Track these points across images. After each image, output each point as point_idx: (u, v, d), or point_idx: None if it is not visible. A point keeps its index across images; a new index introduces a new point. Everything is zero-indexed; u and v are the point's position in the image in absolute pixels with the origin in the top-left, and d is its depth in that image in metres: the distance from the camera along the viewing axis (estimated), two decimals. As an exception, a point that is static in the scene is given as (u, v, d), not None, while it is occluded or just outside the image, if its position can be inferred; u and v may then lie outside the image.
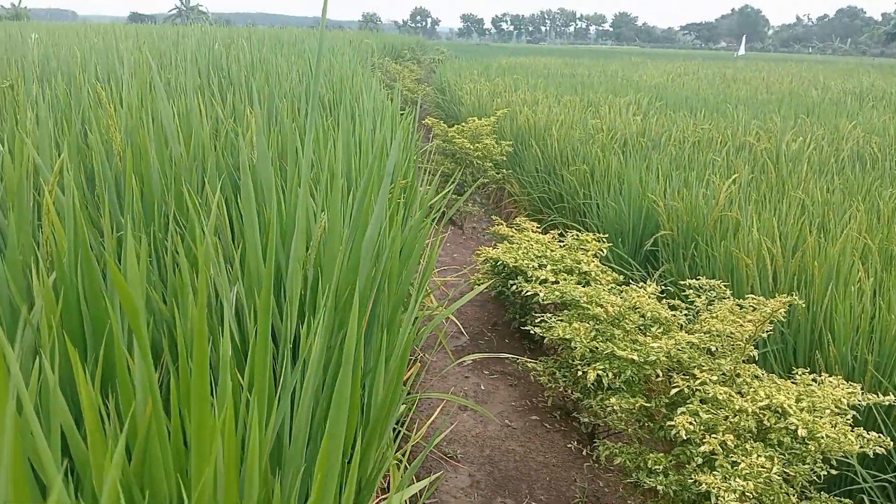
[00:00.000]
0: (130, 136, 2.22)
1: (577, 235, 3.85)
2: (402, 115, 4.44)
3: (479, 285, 3.84)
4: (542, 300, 2.95)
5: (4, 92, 3.12)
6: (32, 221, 1.71)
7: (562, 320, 2.81)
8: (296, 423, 1.20)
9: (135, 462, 0.92)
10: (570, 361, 2.88)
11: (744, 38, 56.94)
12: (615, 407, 2.37)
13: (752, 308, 2.53)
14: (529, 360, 3.19)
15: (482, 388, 3.48)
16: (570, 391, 3.01)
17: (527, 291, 3.10)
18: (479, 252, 3.96)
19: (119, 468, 0.74)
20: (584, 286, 2.96)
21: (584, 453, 2.98)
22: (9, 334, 1.27)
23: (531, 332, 3.02)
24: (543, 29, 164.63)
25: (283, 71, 5.65)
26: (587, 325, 2.61)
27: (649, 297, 2.65)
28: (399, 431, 2.37)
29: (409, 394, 2.65)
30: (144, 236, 1.71)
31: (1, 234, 1.74)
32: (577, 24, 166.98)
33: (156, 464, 0.91)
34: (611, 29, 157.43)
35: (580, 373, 2.70)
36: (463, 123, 6.53)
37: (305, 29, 28.63)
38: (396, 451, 2.19)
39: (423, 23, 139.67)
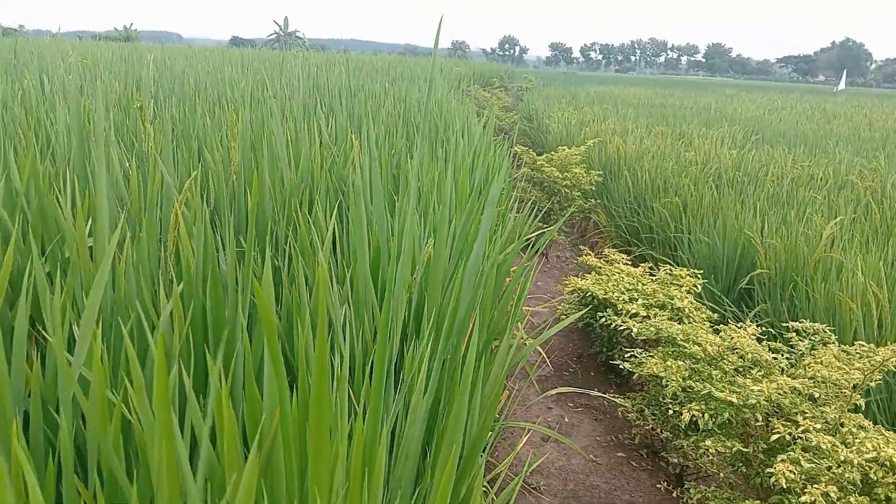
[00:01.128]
0: (245, 156, 2.34)
1: (671, 270, 3.77)
2: (495, 142, 4.49)
3: (566, 316, 3.81)
4: (636, 335, 2.91)
5: (133, 112, 3.34)
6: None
7: (652, 356, 2.76)
8: (403, 445, 1.23)
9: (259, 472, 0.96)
10: (661, 399, 2.81)
11: (844, 72, 54.69)
12: (710, 450, 2.30)
13: (859, 355, 2.42)
14: (616, 394, 3.13)
15: (566, 420, 3.44)
16: (658, 429, 2.93)
17: (620, 326, 3.05)
18: (566, 282, 3.94)
19: (255, 479, 0.78)
20: (677, 323, 2.90)
21: (673, 495, 2.89)
22: (140, 342, 1.36)
23: (619, 366, 2.97)
24: (633, 58, 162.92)
25: (379, 94, 5.83)
26: (683, 363, 2.55)
27: (749, 339, 2.57)
28: (484, 458, 2.38)
29: (495, 421, 2.65)
30: (258, 254, 1.80)
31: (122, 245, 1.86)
32: (667, 55, 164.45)
33: (278, 476, 0.95)
34: (703, 60, 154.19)
35: (671, 411, 2.64)
36: (552, 152, 6.52)
37: (396, 56, 29.34)
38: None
39: (511, 51, 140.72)
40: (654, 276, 3.79)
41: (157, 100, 4.16)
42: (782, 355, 2.59)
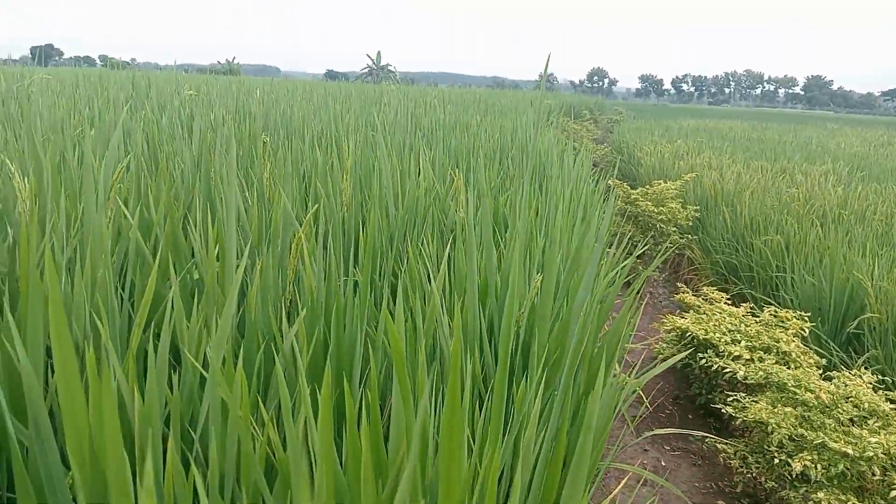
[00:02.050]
0: (355, 190, 2.43)
1: (775, 311, 3.63)
2: (591, 175, 4.47)
3: (663, 354, 3.73)
4: (741, 378, 2.81)
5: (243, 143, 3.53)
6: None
7: (757, 401, 2.66)
8: (514, 482, 1.24)
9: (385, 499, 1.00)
10: (766, 447, 2.70)
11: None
12: (822, 503, 2.19)
13: None
14: (718, 439, 3.03)
15: (662, 463, 3.34)
16: (762, 478, 2.81)
17: (724, 369, 2.96)
18: (663, 320, 3.85)
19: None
20: (784, 367, 2.79)
21: (777, 548, 2.75)
22: (266, 366, 1.43)
23: (720, 409, 2.87)
24: (727, 90, 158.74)
25: (474, 127, 5.92)
26: (792, 410, 2.45)
27: (866, 387, 2.44)
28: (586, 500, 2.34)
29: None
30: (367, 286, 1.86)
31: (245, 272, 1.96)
32: (764, 87, 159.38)
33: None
34: (802, 92, 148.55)
35: (777, 460, 2.53)
36: (647, 186, 6.43)
37: (486, 89, 29.67)
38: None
39: (600, 83, 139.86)
40: (757, 317, 3.66)
41: (265, 132, 4.38)
42: (902, 406, 2.45)
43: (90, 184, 1.72)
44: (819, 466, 2.22)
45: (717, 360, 3.14)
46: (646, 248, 6.03)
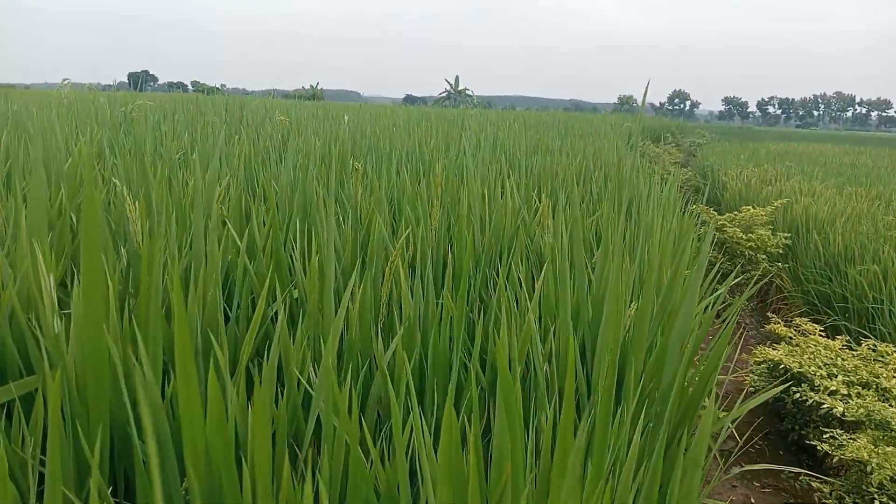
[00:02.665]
0: (444, 214, 2.48)
1: (875, 345, 3.46)
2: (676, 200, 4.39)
3: (754, 387, 3.60)
4: (839, 415, 2.69)
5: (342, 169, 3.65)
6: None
7: (856, 439, 2.54)
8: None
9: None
10: (864, 487, 2.57)
11: None
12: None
13: None
14: (814, 475, 2.89)
15: (752, 501, 3.21)
16: (862, 522, 2.67)
17: (821, 404, 2.84)
18: (754, 351, 3.72)
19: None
20: (885, 404, 2.65)
21: None
22: (364, 384, 1.47)
23: (816, 447, 2.75)
24: (815, 113, 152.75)
25: (555, 151, 5.92)
26: (895, 450, 2.32)
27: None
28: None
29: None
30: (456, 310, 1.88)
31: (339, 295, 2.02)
32: (855, 109, 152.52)
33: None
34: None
35: (877, 502, 2.41)
36: (735, 212, 6.26)
37: (563, 112, 29.56)
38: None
39: (682, 105, 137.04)
40: (854, 350, 3.49)
41: (354, 157, 4.50)
42: None
43: (200, 206, 1.82)
44: (929, 512, 2.09)
45: (813, 394, 3.01)
46: (739, 278, 5.87)
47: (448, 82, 73.80)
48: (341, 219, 2.42)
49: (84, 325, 1.07)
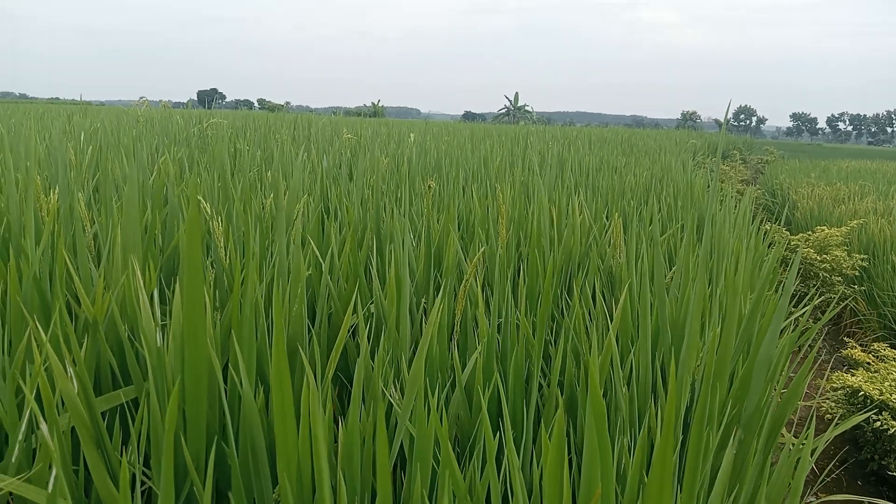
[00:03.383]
0: (513, 233, 2.48)
1: (963, 374, 3.29)
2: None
3: (831, 415, 3.47)
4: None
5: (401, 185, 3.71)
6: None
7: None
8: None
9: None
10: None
11: None
12: None
13: None
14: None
15: (830, 532, 3.08)
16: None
17: (903, 433, 2.72)
18: (831, 378, 3.59)
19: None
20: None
21: None
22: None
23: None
24: (889, 129, 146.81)
25: (619, 166, 5.86)
26: None
27: None
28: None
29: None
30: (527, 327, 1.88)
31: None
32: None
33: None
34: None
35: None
36: (808, 232, 6.06)
37: (625, 128, 29.20)
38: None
39: (748, 121, 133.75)
40: (941, 379, 3.33)
41: (421, 174, 4.56)
42: None
43: (282, 225, 1.87)
44: None
45: (895, 423, 2.88)
46: (816, 300, 5.67)
47: (507, 99, 73.92)
48: (412, 236, 2.46)
49: (188, 340, 1.12)
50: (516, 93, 73.45)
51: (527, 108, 72.80)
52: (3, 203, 1.81)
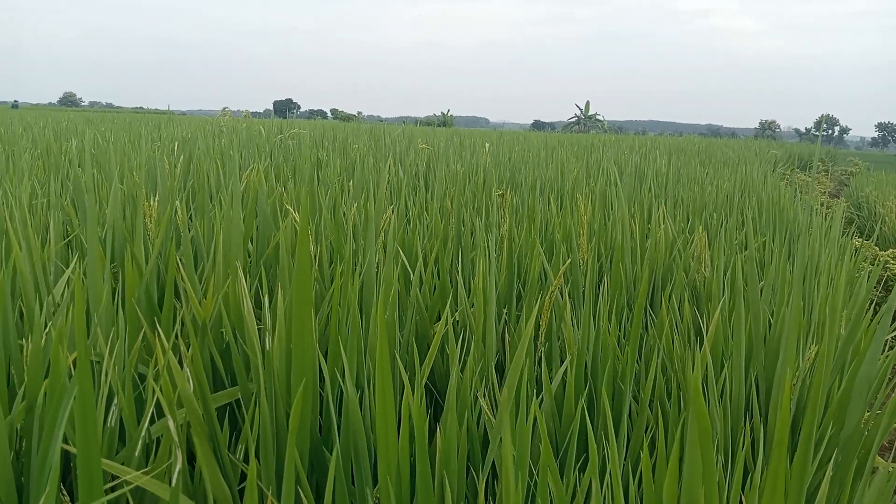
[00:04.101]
0: (593, 245, 2.47)
1: None
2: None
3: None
4: None
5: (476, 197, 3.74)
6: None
7: None
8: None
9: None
10: None
11: None
12: None
13: None
14: None
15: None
16: None
17: None
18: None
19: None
20: None
21: None
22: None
23: None
24: None
25: (699, 177, 5.74)
26: None
27: None
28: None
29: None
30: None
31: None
32: None
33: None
34: None
35: None
36: (898, 248, 5.79)
37: (701, 137, 28.49)
38: None
39: (830, 131, 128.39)
40: None
41: (497, 185, 4.58)
42: None
43: (372, 234, 1.93)
44: None
45: None
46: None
47: (578, 107, 73.22)
48: (493, 247, 2.48)
49: (296, 344, 1.17)
50: (587, 101, 72.66)
51: (598, 116, 71.91)
52: (109, 210, 1.92)
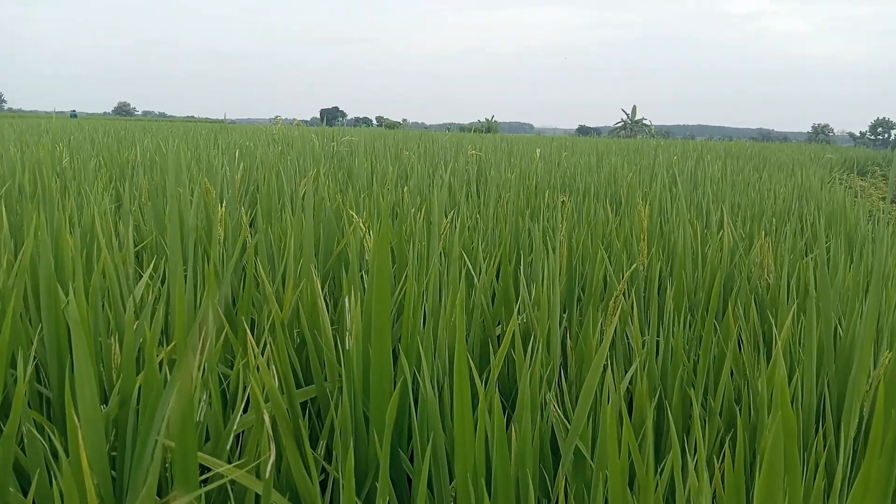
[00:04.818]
0: (654, 253, 2.47)
1: None
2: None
3: None
4: None
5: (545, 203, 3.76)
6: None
7: None
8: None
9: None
10: None
11: None
12: None
13: None
14: None
15: None
16: None
17: None
18: None
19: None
20: None
21: None
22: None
23: None
24: None
25: (755, 182, 5.65)
26: None
27: None
28: None
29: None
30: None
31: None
32: None
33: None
34: None
35: None
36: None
37: (752, 142, 27.93)
38: None
39: (886, 135, 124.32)
40: None
41: (550, 190, 4.59)
42: None
43: (435, 238, 1.96)
44: None
45: None
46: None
47: (624, 112, 72.51)
48: (553, 252, 2.49)
49: (376, 344, 1.21)
50: (633, 106, 71.88)
51: (644, 121, 71.09)
52: (191, 214, 2.00)
